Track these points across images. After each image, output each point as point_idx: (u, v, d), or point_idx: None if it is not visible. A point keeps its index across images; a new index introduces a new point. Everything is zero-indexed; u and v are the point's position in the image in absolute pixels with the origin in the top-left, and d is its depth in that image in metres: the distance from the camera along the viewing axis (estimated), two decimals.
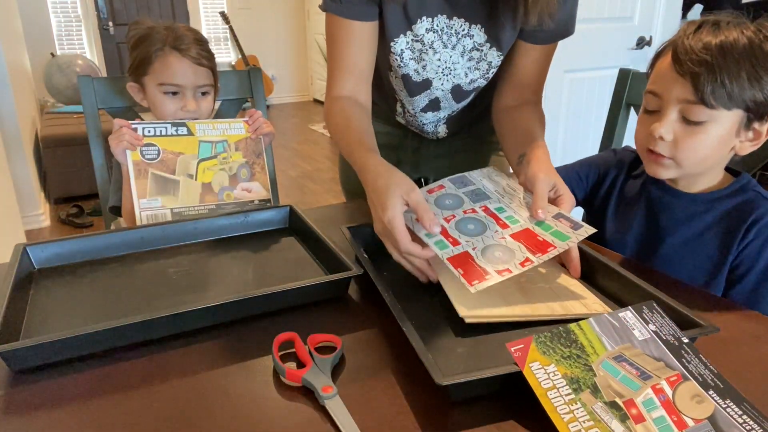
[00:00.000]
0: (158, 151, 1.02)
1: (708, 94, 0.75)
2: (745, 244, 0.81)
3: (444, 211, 0.80)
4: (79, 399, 0.57)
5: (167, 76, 1.07)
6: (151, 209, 0.99)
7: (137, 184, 1.00)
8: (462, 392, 0.56)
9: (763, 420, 0.49)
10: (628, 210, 0.94)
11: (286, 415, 0.55)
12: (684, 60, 0.77)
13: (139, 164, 1.01)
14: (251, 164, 1.08)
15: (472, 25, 0.98)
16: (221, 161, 1.07)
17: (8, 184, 2.45)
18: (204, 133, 1.06)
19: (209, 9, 6.17)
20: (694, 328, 0.60)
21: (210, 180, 1.05)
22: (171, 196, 1.02)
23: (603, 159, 1.02)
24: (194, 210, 1.02)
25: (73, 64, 4.20)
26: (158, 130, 1.03)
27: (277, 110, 6.48)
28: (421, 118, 1.14)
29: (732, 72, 0.74)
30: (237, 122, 1.09)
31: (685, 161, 0.81)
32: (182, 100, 1.09)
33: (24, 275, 0.79)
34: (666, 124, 0.80)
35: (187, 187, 1.03)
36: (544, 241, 0.72)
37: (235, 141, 1.08)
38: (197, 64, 1.08)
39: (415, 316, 0.69)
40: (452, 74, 1.04)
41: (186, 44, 1.07)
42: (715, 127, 0.78)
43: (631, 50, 2.70)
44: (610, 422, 0.49)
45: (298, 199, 3.57)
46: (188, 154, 1.04)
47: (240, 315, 0.70)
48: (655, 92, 0.82)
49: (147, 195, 0.99)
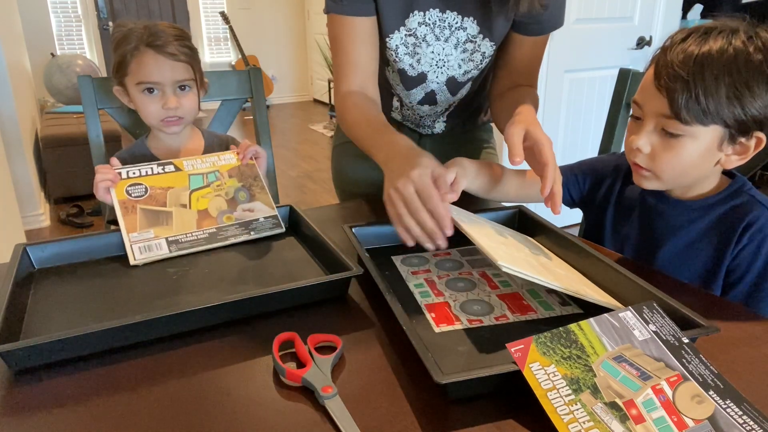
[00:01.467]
0: (145, 189, 0.94)
1: (682, 109, 0.73)
2: (740, 248, 0.81)
3: (441, 271, 0.82)
4: (79, 399, 0.57)
5: (144, 74, 1.04)
6: (144, 241, 0.88)
7: (126, 221, 0.89)
8: (461, 391, 0.56)
9: (764, 420, 0.49)
10: (626, 217, 0.94)
11: (286, 415, 0.55)
12: (662, 74, 0.76)
13: (126, 202, 0.91)
14: (249, 186, 1.00)
15: (464, 17, 0.99)
16: (215, 188, 0.98)
17: (8, 184, 2.45)
18: (193, 168, 0.99)
19: (209, 9, 6.17)
20: (694, 328, 0.60)
21: (206, 207, 0.95)
22: (164, 226, 0.91)
23: (602, 162, 1.02)
24: (192, 236, 0.91)
25: (73, 64, 4.20)
26: (143, 171, 0.96)
27: (277, 110, 6.48)
28: (418, 111, 1.16)
29: (709, 89, 0.72)
30: (226, 154, 1.03)
31: (662, 174, 0.81)
32: (162, 98, 1.05)
33: (24, 275, 0.80)
34: (644, 136, 0.79)
35: (181, 216, 0.93)
36: (528, 305, 0.73)
37: (227, 170, 1.01)
38: (173, 59, 1.04)
39: (415, 316, 0.70)
40: (446, 66, 1.05)
41: (162, 40, 1.03)
42: (691, 142, 0.76)
43: (631, 50, 2.70)
44: (610, 423, 0.49)
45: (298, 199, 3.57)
46: (179, 187, 0.96)
47: (240, 315, 0.70)
48: (638, 103, 0.82)
49: (138, 229, 0.89)
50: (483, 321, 0.69)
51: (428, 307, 0.72)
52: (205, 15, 6.18)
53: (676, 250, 0.86)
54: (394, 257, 0.86)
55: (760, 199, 0.82)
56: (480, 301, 0.73)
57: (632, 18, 2.67)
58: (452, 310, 0.71)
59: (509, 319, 0.70)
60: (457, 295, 0.75)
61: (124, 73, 1.06)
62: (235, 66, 6.28)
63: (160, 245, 0.89)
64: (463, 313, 0.71)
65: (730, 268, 0.82)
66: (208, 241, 0.91)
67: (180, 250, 0.89)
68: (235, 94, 1.38)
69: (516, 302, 0.73)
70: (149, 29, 1.05)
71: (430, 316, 0.70)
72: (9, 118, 2.84)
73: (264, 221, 0.97)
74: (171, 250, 0.89)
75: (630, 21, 2.67)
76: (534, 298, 0.74)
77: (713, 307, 0.74)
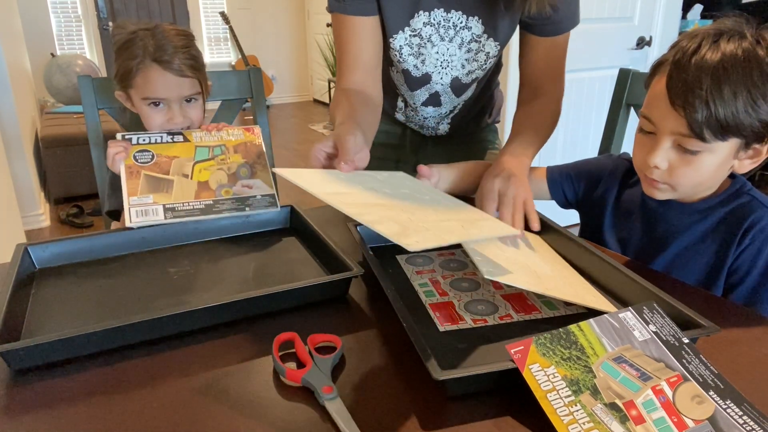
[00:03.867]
0: (152, 156, 0.98)
1: (704, 128, 0.72)
2: (742, 249, 0.81)
3: (445, 271, 0.82)
4: (79, 399, 0.57)
5: (150, 90, 1.04)
6: (142, 205, 0.91)
7: (128, 184, 0.93)
8: (459, 388, 0.56)
9: (764, 420, 0.49)
10: (626, 220, 0.94)
11: (286, 415, 0.55)
12: (678, 92, 0.73)
13: (132, 167, 0.96)
14: (252, 164, 1.03)
15: (469, 17, 0.99)
16: (219, 162, 1.01)
17: (8, 184, 2.45)
18: (201, 140, 1.03)
19: (209, 9, 6.17)
20: (695, 329, 0.60)
21: (207, 179, 0.98)
22: (164, 193, 0.94)
23: (598, 164, 1.01)
24: (189, 206, 0.93)
25: (73, 64, 4.20)
26: (153, 138, 1.00)
27: (277, 110, 6.48)
28: (422, 112, 1.16)
29: (728, 105, 0.70)
30: (235, 129, 1.06)
31: (680, 187, 0.80)
32: (168, 113, 1.06)
33: (25, 275, 0.79)
34: (660, 153, 0.78)
35: (182, 186, 0.96)
36: (532, 305, 0.73)
37: (233, 145, 1.04)
38: (180, 75, 1.04)
39: (416, 315, 0.70)
40: (450, 67, 1.05)
41: (168, 55, 1.02)
42: (710, 157, 0.76)
43: (631, 50, 2.70)
44: (610, 424, 0.49)
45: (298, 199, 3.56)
46: (184, 157, 1.00)
47: (240, 315, 0.70)
48: (649, 119, 0.79)
49: (138, 193, 0.93)
50: (487, 321, 0.69)
51: (433, 307, 0.72)
52: (205, 15, 6.17)
53: (677, 252, 0.86)
54: (399, 256, 0.86)
55: (761, 200, 0.82)
56: (484, 301, 0.73)
57: (632, 18, 2.67)
58: (457, 310, 0.71)
59: (513, 318, 0.70)
60: (462, 294, 0.75)
61: (129, 84, 1.06)
62: (235, 66, 6.28)
63: (156, 211, 0.91)
64: (467, 312, 0.71)
65: (731, 269, 0.82)
66: (203, 212, 0.93)
67: (175, 217, 0.91)
68: (235, 94, 1.38)
69: (520, 302, 0.73)
70: (155, 38, 1.03)
71: (435, 315, 0.70)
72: (9, 118, 2.84)
73: (261, 199, 0.97)
74: (166, 217, 0.91)
75: (630, 21, 2.67)
76: (538, 297, 0.75)
77: (713, 307, 0.74)
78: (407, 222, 0.64)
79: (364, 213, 0.63)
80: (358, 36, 0.99)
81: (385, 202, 0.71)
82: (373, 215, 0.63)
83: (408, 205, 0.72)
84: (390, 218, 0.64)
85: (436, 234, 0.63)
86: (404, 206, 0.71)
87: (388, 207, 0.69)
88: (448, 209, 0.77)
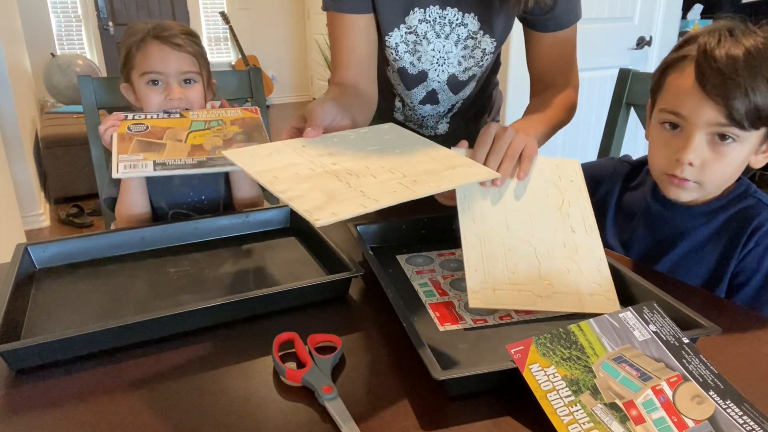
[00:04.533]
0: (146, 127, 0.96)
1: (744, 116, 0.72)
2: (747, 252, 0.80)
3: (445, 271, 0.82)
4: (80, 399, 0.57)
5: (148, 64, 1.04)
6: (131, 160, 0.88)
7: (119, 146, 0.90)
8: (459, 388, 0.56)
9: (764, 420, 0.49)
10: (628, 223, 0.93)
11: (286, 415, 0.55)
12: (715, 81, 0.73)
13: (124, 135, 0.93)
14: (249, 133, 0.99)
15: (465, 13, 0.99)
16: (215, 131, 0.98)
17: (8, 184, 2.45)
18: (197, 116, 1.01)
19: (209, 9, 6.16)
20: (695, 329, 0.60)
21: (201, 143, 0.94)
22: (155, 153, 0.91)
23: (599, 167, 1.01)
24: (180, 161, 0.90)
25: (73, 64, 4.20)
26: (149, 116, 0.99)
27: (277, 110, 6.48)
28: (420, 111, 1.16)
29: (762, 90, 0.71)
30: (232, 109, 1.05)
31: (710, 184, 0.79)
32: (166, 89, 1.05)
33: (25, 275, 0.79)
34: (695, 149, 0.76)
35: (174, 147, 0.92)
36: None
37: (231, 119, 1.02)
38: (179, 50, 1.04)
39: (416, 315, 0.70)
40: (446, 64, 1.05)
41: (168, 32, 1.04)
42: (740, 147, 0.76)
43: (631, 50, 2.70)
44: (610, 424, 0.49)
45: None
46: (179, 128, 0.97)
47: (240, 315, 0.70)
48: (679, 113, 0.78)
49: (129, 152, 0.89)
50: (487, 320, 0.69)
51: (433, 307, 0.72)
52: (205, 15, 6.17)
53: (681, 254, 0.86)
54: (399, 256, 0.86)
55: (767, 202, 0.82)
56: None
57: (632, 18, 2.67)
58: (457, 310, 0.71)
59: (513, 318, 0.70)
60: (462, 294, 0.75)
61: (131, 66, 1.07)
62: (235, 66, 6.28)
63: (146, 164, 0.88)
64: (467, 312, 0.71)
65: (735, 271, 0.82)
66: (195, 166, 0.89)
67: (165, 170, 0.88)
68: (235, 94, 1.38)
69: None
70: (158, 24, 1.06)
71: (435, 315, 0.70)
72: (9, 118, 2.84)
73: None
74: (156, 170, 0.88)
75: (630, 21, 2.67)
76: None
77: (713, 307, 0.74)
78: (341, 190, 0.62)
79: (287, 189, 0.61)
80: (352, 34, 0.99)
81: (334, 168, 0.68)
82: (296, 190, 0.61)
83: (361, 167, 0.68)
84: (319, 188, 0.62)
85: (366, 200, 0.60)
86: (356, 168, 0.68)
87: (332, 174, 0.66)
88: (414, 163, 0.72)
